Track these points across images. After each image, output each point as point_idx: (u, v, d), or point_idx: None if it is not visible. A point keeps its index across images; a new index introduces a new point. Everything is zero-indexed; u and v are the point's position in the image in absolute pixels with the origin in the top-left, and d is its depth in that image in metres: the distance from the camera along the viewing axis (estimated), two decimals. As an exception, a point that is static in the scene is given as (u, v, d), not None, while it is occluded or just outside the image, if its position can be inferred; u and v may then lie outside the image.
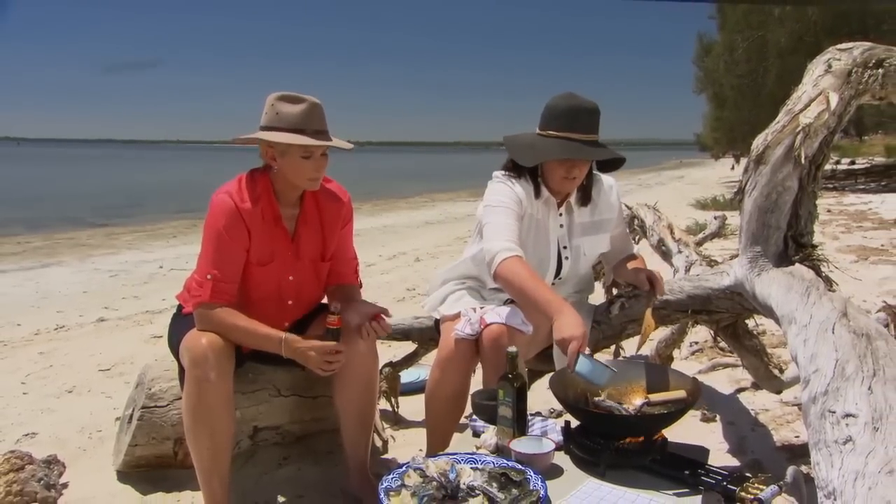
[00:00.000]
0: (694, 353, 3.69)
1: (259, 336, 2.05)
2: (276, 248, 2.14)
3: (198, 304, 2.05)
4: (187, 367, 1.99)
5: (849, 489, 1.16)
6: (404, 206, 18.23)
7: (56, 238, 11.57)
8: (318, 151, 2.05)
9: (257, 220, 2.08)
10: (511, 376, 1.73)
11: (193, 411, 1.99)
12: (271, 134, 2.03)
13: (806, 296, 1.93)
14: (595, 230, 2.36)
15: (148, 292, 6.39)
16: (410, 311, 2.37)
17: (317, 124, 2.05)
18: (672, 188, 21.22)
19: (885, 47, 2.35)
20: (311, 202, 2.19)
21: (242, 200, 2.06)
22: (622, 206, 2.48)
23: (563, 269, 2.33)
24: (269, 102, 2.06)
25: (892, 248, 6.79)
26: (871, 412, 1.31)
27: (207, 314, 2.03)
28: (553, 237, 2.30)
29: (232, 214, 2.05)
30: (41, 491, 2.24)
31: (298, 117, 2.02)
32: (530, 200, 2.24)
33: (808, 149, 2.16)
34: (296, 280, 2.19)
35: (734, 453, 2.53)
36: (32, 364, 4.11)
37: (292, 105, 2.03)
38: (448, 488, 1.47)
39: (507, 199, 2.19)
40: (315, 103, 2.05)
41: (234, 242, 2.05)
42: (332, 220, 2.23)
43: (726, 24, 17.60)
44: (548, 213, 2.28)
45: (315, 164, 2.06)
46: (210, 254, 2.06)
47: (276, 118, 2.04)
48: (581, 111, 2.15)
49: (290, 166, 2.05)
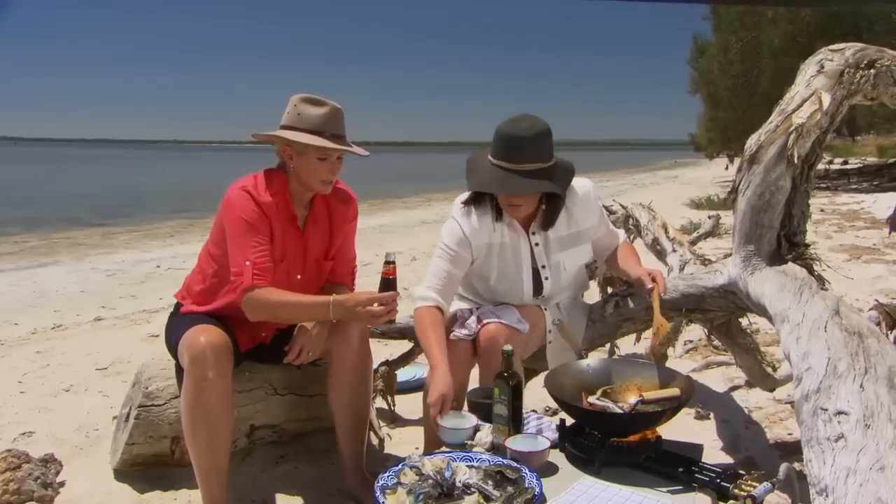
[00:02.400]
0: (688, 351, 3.71)
1: (308, 306, 2.09)
2: (288, 246, 2.17)
3: (242, 290, 2.03)
4: (186, 365, 2.00)
5: (840, 486, 1.18)
6: (401, 206, 18.21)
7: (53, 237, 11.54)
8: (335, 155, 2.10)
9: (274, 215, 2.12)
10: (507, 375, 1.74)
11: (192, 410, 2.00)
12: (292, 133, 2.07)
13: (799, 294, 1.95)
14: (574, 242, 2.30)
15: (145, 291, 6.37)
16: (407, 310, 2.38)
17: (336, 128, 2.10)
18: (667, 188, 21.25)
19: (876, 48, 2.37)
20: (321, 202, 2.23)
21: (260, 194, 2.10)
22: (601, 206, 2.43)
23: (544, 289, 2.29)
24: (291, 102, 2.10)
25: (884, 248, 6.82)
26: (863, 410, 1.33)
27: (254, 297, 2.03)
28: (525, 259, 2.26)
29: (252, 204, 2.08)
30: (38, 489, 2.24)
31: (319, 119, 2.07)
32: (488, 229, 2.21)
33: (801, 148, 2.17)
34: (303, 279, 2.22)
35: (728, 451, 2.55)
36: (29, 363, 4.10)
37: (315, 107, 2.08)
38: (444, 486, 1.49)
39: (448, 241, 2.22)
40: (337, 108, 2.10)
41: (261, 225, 2.08)
42: (340, 221, 2.28)
43: (720, 25, 17.66)
44: (517, 237, 2.24)
45: (330, 166, 2.10)
46: (240, 242, 2.06)
47: (297, 118, 2.08)
48: (517, 140, 2.06)
49: (305, 167, 2.09)
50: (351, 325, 2.17)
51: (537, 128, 2.09)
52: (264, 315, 2.07)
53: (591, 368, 1.95)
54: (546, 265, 2.27)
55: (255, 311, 2.05)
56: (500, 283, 2.26)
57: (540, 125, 2.10)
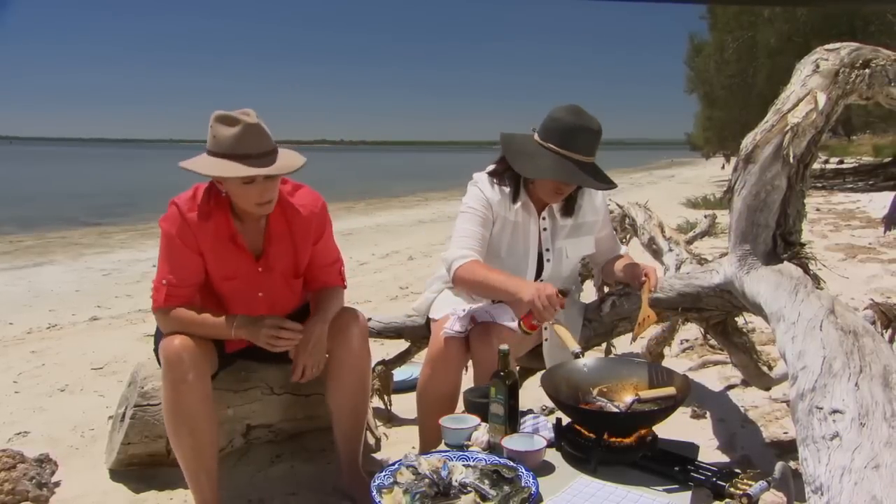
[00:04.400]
0: (684, 350, 3.72)
1: (212, 325, 2.02)
2: (237, 265, 2.08)
3: (155, 308, 2.05)
4: (163, 370, 1.99)
5: (835, 484, 1.18)
6: (398, 205, 18.20)
7: (48, 237, 11.52)
8: (260, 175, 1.90)
9: (208, 236, 2.02)
10: (503, 374, 1.74)
11: (173, 413, 1.99)
12: (205, 162, 1.92)
13: (794, 293, 1.95)
14: (579, 233, 2.38)
15: (141, 291, 6.38)
16: (403, 309, 2.38)
17: (255, 146, 1.89)
18: (663, 187, 21.29)
19: (871, 48, 2.37)
20: (278, 217, 2.09)
21: (190, 210, 2.01)
22: (608, 208, 2.48)
23: (544, 271, 2.34)
24: (209, 123, 1.93)
25: (879, 247, 6.84)
26: (858, 408, 1.33)
27: (164, 317, 2.04)
28: (533, 241, 2.31)
29: (179, 224, 2.01)
30: (33, 489, 2.24)
31: (233, 141, 1.88)
32: (506, 205, 2.27)
33: (797, 148, 2.18)
34: (266, 296, 2.15)
35: (724, 450, 2.55)
36: (25, 363, 4.09)
37: (227, 128, 1.89)
38: (440, 485, 1.48)
39: (474, 204, 2.26)
40: (250, 124, 1.89)
41: (185, 248, 2.02)
42: (303, 235, 2.14)
43: (717, 25, 17.69)
44: (528, 218, 2.30)
45: (259, 188, 1.92)
46: (164, 259, 2.05)
47: (213, 142, 1.92)
48: (583, 131, 2.14)
49: (234, 193, 1.96)
50: (351, 326, 2.16)
51: (597, 122, 2.18)
52: (174, 330, 2.01)
53: (588, 368, 1.95)
54: (550, 248, 2.34)
55: (164, 328, 2.04)
56: (509, 259, 2.30)
57: (596, 119, 2.18)
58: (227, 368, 2.22)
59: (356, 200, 17.35)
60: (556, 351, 2.28)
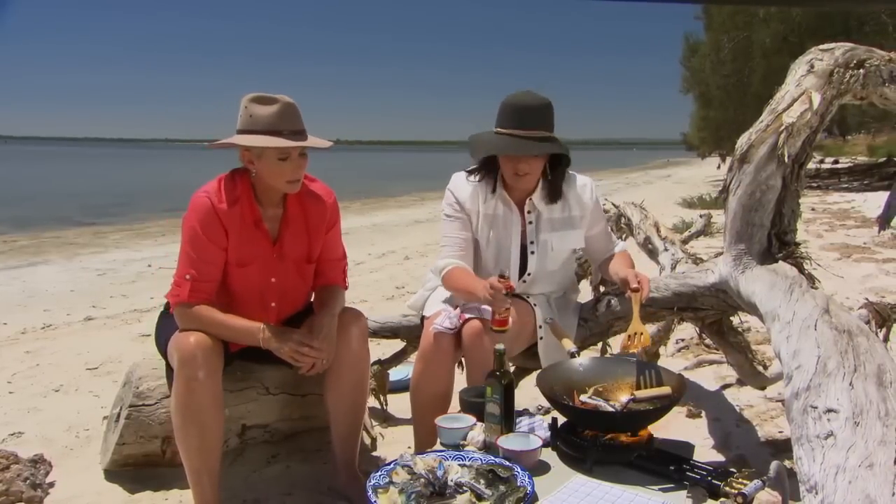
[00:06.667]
0: (680, 349, 3.73)
1: (238, 330, 2.05)
2: (256, 250, 2.12)
3: (176, 303, 2.05)
4: (176, 366, 1.99)
5: (830, 483, 1.19)
6: (394, 205, 18.20)
7: (43, 237, 11.46)
8: (296, 152, 2.01)
9: (235, 222, 2.06)
10: (499, 373, 1.74)
11: (183, 410, 1.99)
12: (245, 138, 2.00)
13: (789, 293, 1.96)
14: (565, 226, 2.36)
15: (136, 291, 6.34)
16: (399, 309, 2.38)
17: (292, 124, 2.01)
18: (659, 187, 21.33)
19: (866, 48, 2.38)
20: (294, 203, 2.16)
21: (220, 201, 2.04)
22: (600, 205, 2.47)
23: (529, 264, 2.34)
24: (242, 104, 2.02)
25: (874, 246, 6.87)
26: (852, 407, 1.34)
27: (186, 312, 2.04)
28: (515, 233, 2.32)
29: (209, 215, 2.03)
30: (27, 490, 2.23)
31: (272, 118, 1.98)
32: (479, 199, 2.31)
33: (791, 148, 2.19)
34: (279, 282, 2.18)
35: (719, 449, 2.56)
36: (19, 363, 4.08)
37: (265, 106, 1.99)
38: (436, 485, 1.48)
39: (448, 209, 2.36)
40: (288, 103, 2.01)
41: (211, 243, 2.04)
42: (317, 222, 2.20)
43: (712, 25, 17.76)
44: (509, 211, 2.32)
45: (293, 165, 2.02)
46: (188, 254, 2.05)
47: (249, 121, 2.00)
48: (526, 108, 2.19)
49: (267, 169, 2.03)
50: (351, 326, 2.17)
51: (542, 98, 2.22)
52: (195, 328, 2.02)
53: (583, 367, 1.96)
54: (535, 241, 2.34)
55: (184, 324, 2.04)
56: (493, 252, 2.34)
57: (543, 97, 2.23)
58: (225, 368, 2.22)
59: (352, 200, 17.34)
60: (551, 350, 2.28)
